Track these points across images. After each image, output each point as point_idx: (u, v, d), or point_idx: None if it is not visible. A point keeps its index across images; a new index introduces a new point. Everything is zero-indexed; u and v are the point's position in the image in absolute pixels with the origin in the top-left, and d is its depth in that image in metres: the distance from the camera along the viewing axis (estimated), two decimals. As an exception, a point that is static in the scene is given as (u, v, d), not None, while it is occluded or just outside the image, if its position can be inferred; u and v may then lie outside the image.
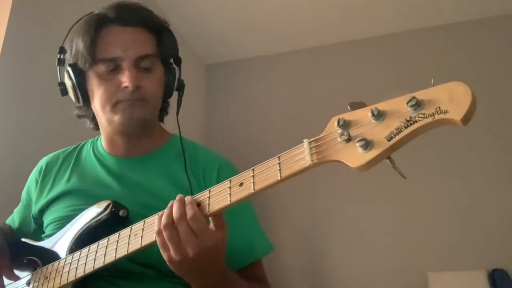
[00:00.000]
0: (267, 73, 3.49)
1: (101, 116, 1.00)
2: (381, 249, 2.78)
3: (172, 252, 0.73)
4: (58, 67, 1.04)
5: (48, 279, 0.89)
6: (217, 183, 0.96)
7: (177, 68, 1.06)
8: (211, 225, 0.75)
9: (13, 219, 1.15)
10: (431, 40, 3.18)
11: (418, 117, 0.59)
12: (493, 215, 2.66)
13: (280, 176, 0.67)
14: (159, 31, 1.03)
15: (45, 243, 1.00)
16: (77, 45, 0.98)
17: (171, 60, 1.05)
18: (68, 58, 1.01)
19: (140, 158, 1.04)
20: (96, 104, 0.99)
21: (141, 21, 1.00)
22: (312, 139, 0.67)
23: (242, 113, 3.43)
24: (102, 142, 1.09)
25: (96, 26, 0.97)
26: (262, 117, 3.37)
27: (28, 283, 0.95)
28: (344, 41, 3.36)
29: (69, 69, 0.99)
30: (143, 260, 0.89)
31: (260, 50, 3.48)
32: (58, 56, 1.03)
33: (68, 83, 1.01)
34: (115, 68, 0.95)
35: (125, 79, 0.93)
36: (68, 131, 1.23)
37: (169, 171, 1.01)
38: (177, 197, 0.76)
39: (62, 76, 1.03)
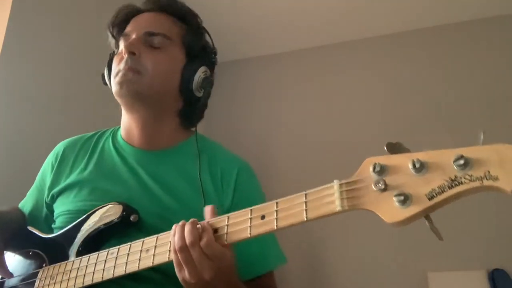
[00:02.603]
0: (268, 73, 3.43)
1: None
2: (381, 249, 2.79)
3: (187, 274, 0.71)
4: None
5: (54, 280, 0.88)
6: (235, 186, 0.96)
7: (202, 68, 1.03)
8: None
9: (26, 202, 1.12)
10: (431, 40, 3.12)
11: (465, 178, 0.55)
12: (493, 215, 2.66)
13: (306, 217, 0.64)
14: (184, 20, 1.05)
15: (51, 237, 0.97)
16: (108, 27, 1.06)
17: (197, 54, 1.05)
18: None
19: (158, 152, 1.01)
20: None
21: (164, 7, 1.04)
22: (344, 181, 0.63)
23: (242, 113, 3.40)
24: (121, 131, 1.07)
25: (127, 15, 1.04)
26: (262, 117, 3.33)
27: (33, 279, 0.93)
28: (344, 41, 3.30)
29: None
30: None
31: (261, 50, 3.43)
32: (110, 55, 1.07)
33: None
34: (128, 39, 0.99)
35: (125, 47, 0.96)
36: (69, 131, 1.22)
37: (185, 170, 0.98)
38: (190, 221, 0.74)
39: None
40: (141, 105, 0.98)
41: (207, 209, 0.76)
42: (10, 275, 0.96)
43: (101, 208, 0.92)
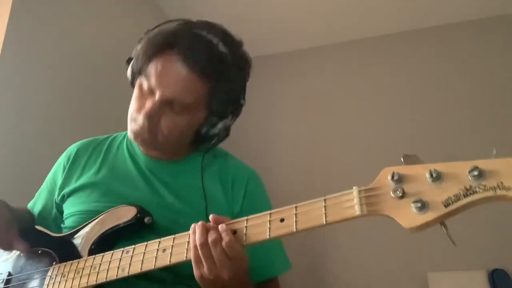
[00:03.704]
0: (267, 73, 3.47)
1: None
2: (381, 249, 2.80)
3: (206, 270, 0.73)
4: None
5: (66, 278, 0.88)
6: (244, 194, 1.00)
7: (222, 122, 1.01)
8: None
9: (35, 203, 1.13)
10: (431, 40, 3.18)
11: (479, 188, 0.59)
12: (493, 215, 2.68)
13: (326, 221, 0.67)
14: (217, 81, 0.96)
15: (62, 237, 0.98)
16: (139, 51, 0.99)
17: (221, 109, 1.00)
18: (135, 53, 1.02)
19: (172, 162, 1.05)
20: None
21: (200, 66, 0.92)
22: (363, 188, 0.66)
23: (242, 113, 3.40)
24: None
25: (161, 50, 0.95)
26: (262, 117, 3.36)
27: (42, 277, 0.94)
28: (344, 41, 3.35)
29: (132, 62, 1.01)
30: None
31: (260, 50, 3.44)
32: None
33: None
34: (151, 92, 0.95)
35: (143, 110, 0.94)
36: (69, 131, 1.22)
37: (196, 179, 1.01)
38: (211, 218, 0.76)
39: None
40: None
41: (213, 217, 0.77)
42: (26, 247, 0.97)
43: (115, 209, 0.94)
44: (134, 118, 0.97)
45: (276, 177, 2.92)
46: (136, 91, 0.98)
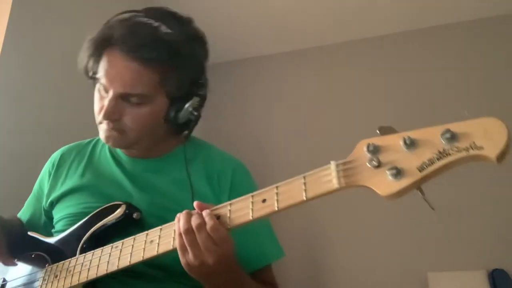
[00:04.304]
0: (267, 73, 3.49)
1: None
2: (381, 249, 2.79)
3: (191, 257, 0.73)
4: None
5: (58, 277, 0.89)
6: (231, 186, 0.99)
7: (188, 104, 0.97)
8: None
9: (24, 212, 1.14)
10: (431, 40, 3.19)
11: (452, 150, 0.59)
12: (493, 215, 2.67)
13: (306, 197, 0.67)
14: (167, 65, 0.92)
15: (54, 240, 0.99)
16: (83, 57, 0.98)
17: (182, 93, 0.97)
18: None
19: (155, 160, 1.04)
20: None
21: (143, 55, 0.90)
22: (340, 161, 0.66)
23: (242, 113, 3.43)
24: None
25: (101, 47, 0.94)
26: (262, 117, 3.37)
27: (36, 279, 0.94)
28: (344, 41, 3.36)
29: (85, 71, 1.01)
30: (153, 262, 0.89)
31: (260, 50, 3.48)
32: None
33: None
34: (107, 92, 0.94)
35: (103, 110, 0.93)
36: (69, 131, 1.23)
37: (180, 175, 1.00)
38: (195, 205, 0.77)
39: None
40: (133, 149, 1.03)
41: (197, 204, 0.77)
42: (14, 263, 0.98)
43: (103, 208, 0.95)
44: (99, 123, 0.96)
45: (275, 172, 2.92)
46: (95, 95, 0.98)
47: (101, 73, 0.93)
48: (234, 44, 3.39)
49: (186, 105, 0.96)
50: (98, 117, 0.95)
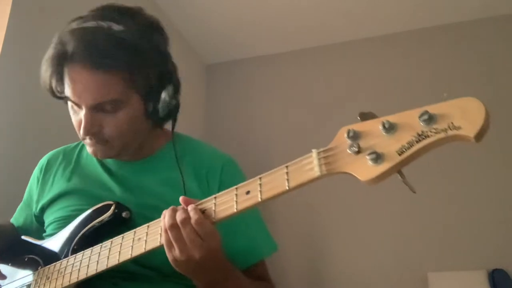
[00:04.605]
0: (267, 73, 3.48)
1: None
2: (381, 249, 2.78)
3: (177, 252, 0.73)
4: None
5: (50, 279, 0.89)
6: (220, 182, 0.98)
7: (164, 93, 0.94)
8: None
9: (16, 218, 1.14)
10: (431, 40, 3.17)
11: (430, 132, 0.58)
12: (493, 215, 2.65)
13: (288, 186, 0.67)
14: (127, 64, 0.89)
15: (46, 243, 0.99)
16: (45, 79, 0.96)
17: (153, 87, 0.94)
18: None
19: (142, 161, 1.04)
20: None
21: (101, 63, 0.87)
22: (321, 149, 0.66)
23: (242, 114, 3.42)
24: None
25: (57, 63, 0.91)
26: (262, 118, 3.36)
27: (29, 282, 0.95)
28: (344, 41, 3.35)
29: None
30: (145, 262, 0.89)
31: (260, 50, 3.47)
32: None
33: None
34: (80, 108, 0.92)
35: (81, 127, 0.90)
36: (69, 131, 1.22)
37: (168, 175, 0.99)
38: (181, 200, 0.76)
39: None
40: (121, 155, 1.00)
41: (183, 199, 0.77)
42: (3, 277, 0.97)
43: (94, 209, 0.94)
44: (83, 139, 0.95)
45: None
46: (70, 113, 0.96)
47: (68, 92, 0.91)
48: (234, 44, 3.39)
49: (162, 96, 0.93)
50: (80, 133, 0.93)
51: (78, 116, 0.92)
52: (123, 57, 0.88)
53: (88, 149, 0.96)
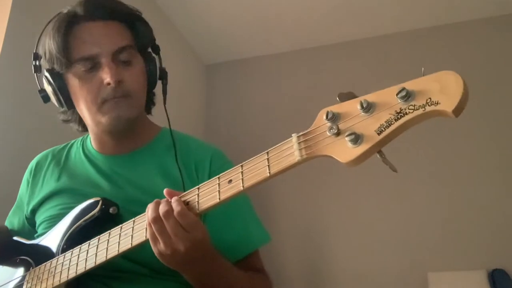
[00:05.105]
0: (267, 73, 3.47)
1: (88, 118, 0.97)
2: (381, 249, 2.79)
3: (162, 245, 0.72)
4: (35, 74, 1.00)
5: (40, 279, 0.89)
6: (209, 174, 0.96)
7: (157, 57, 1.02)
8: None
9: (9, 222, 1.14)
10: (430, 40, 3.15)
11: (409, 109, 0.57)
12: (493, 215, 2.66)
13: (269, 173, 0.65)
14: (132, 21, 0.98)
15: (36, 243, 0.99)
16: (50, 48, 0.93)
17: (149, 49, 1.02)
18: (44, 63, 0.97)
19: (130, 155, 1.02)
20: (82, 106, 0.95)
21: (111, 14, 0.95)
22: (301, 133, 0.65)
23: (242, 113, 3.42)
24: (91, 141, 1.06)
25: (67, 25, 0.93)
26: (262, 117, 3.35)
27: (21, 284, 0.94)
28: (344, 41, 3.34)
29: (47, 74, 0.95)
30: (136, 258, 0.88)
31: (260, 50, 3.46)
32: (34, 63, 0.99)
33: (48, 89, 0.97)
34: (94, 66, 0.91)
35: (106, 76, 0.89)
36: (69, 132, 1.21)
37: (160, 165, 0.99)
38: (165, 192, 0.75)
39: (41, 83, 0.99)
40: (130, 129, 0.99)
41: (167, 191, 0.76)
42: None
43: (80, 205, 0.93)
44: (102, 102, 0.92)
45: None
46: (76, 83, 0.92)
47: (82, 51, 0.91)
48: (234, 44, 3.39)
49: (157, 64, 1.01)
50: (98, 99, 0.91)
51: (94, 79, 0.91)
52: (127, 9, 0.98)
53: (110, 114, 0.93)
